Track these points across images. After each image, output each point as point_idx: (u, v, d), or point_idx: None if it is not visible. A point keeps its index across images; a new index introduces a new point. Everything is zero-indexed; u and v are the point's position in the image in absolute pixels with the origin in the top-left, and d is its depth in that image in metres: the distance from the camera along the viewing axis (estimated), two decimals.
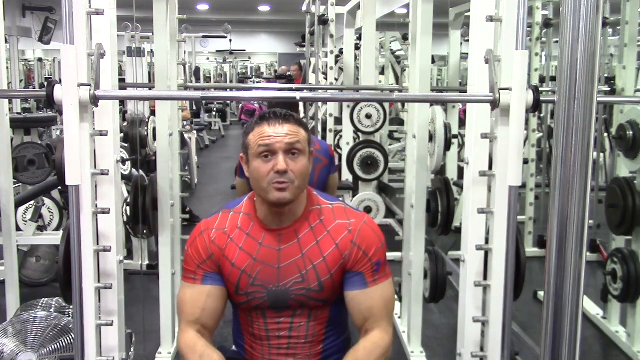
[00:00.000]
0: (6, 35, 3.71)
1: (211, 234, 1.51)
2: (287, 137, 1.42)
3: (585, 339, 3.02)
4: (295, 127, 1.45)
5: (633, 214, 2.61)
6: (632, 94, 3.15)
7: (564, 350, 0.98)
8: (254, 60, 18.17)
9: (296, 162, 1.43)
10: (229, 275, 1.48)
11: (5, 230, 2.52)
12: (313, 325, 1.51)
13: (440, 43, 5.87)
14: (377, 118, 3.50)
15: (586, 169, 0.95)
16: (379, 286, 1.48)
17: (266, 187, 1.42)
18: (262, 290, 1.47)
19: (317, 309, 1.50)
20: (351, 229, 1.49)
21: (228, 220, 1.53)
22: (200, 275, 1.49)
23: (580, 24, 0.93)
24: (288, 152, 1.43)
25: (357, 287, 1.47)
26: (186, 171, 6.09)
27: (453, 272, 2.82)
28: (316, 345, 1.52)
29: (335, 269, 1.47)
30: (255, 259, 1.47)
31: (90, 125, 1.56)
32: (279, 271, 1.47)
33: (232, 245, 1.49)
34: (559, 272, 0.97)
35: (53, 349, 2.06)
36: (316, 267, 1.46)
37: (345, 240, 1.47)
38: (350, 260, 1.47)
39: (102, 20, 1.62)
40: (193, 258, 1.51)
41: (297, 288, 1.47)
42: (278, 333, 1.50)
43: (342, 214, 1.51)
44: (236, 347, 1.62)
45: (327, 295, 1.48)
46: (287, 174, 1.41)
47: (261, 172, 1.42)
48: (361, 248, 1.47)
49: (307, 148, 1.47)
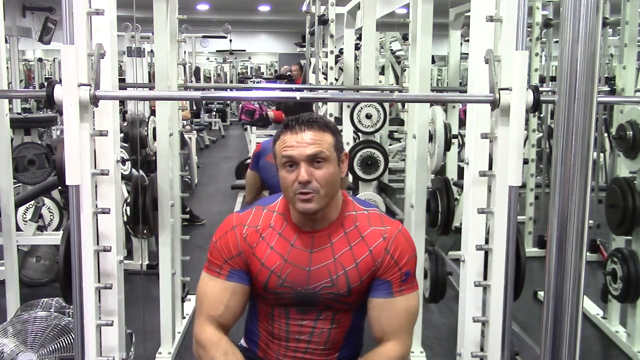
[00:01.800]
0: (6, 35, 3.70)
1: (243, 230, 1.49)
2: (309, 148, 1.40)
3: (585, 339, 3.02)
4: (319, 133, 1.42)
5: (633, 214, 2.61)
6: (632, 94, 3.15)
7: (564, 350, 0.98)
8: (254, 60, 18.17)
9: (321, 170, 1.41)
10: (258, 274, 1.47)
11: (5, 230, 2.52)
12: (334, 332, 1.50)
13: (440, 43, 5.86)
14: (377, 118, 3.50)
15: (586, 169, 0.95)
16: (404, 297, 1.46)
17: (292, 197, 1.42)
18: (290, 292, 1.46)
19: (341, 313, 1.49)
20: (386, 236, 1.47)
21: (261, 218, 1.51)
22: (227, 271, 1.48)
23: (580, 24, 0.92)
24: (312, 161, 1.41)
25: (382, 295, 1.46)
26: (186, 171, 6.10)
27: (453, 272, 2.82)
28: (333, 353, 1.51)
29: (366, 276, 1.46)
30: (286, 260, 1.46)
31: (90, 125, 1.56)
32: (309, 274, 1.46)
33: (263, 244, 1.48)
34: (559, 272, 0.97)
35: (53, 349, 2.06)
36: (347, 273, 1.45)
37: (379, 247, 1.46)
38: (381, 267, 1.45)
39: (102, 20, 1.62)
40: (221, 252, 1.49)
41: (326, 292, 1.45)
42: (298, 336, 1.49)
43: (378, 221, 1.50)
44: (248, 342, 1.60)
45: (354, 299, 1.47)
46: (311, 184, 1.39)
47: (287, 182, 1.42)
48: (393, 257, 1.46)
49: (335, 154, 1.44)
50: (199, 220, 5.17)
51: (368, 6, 3.52)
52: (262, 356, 1.56)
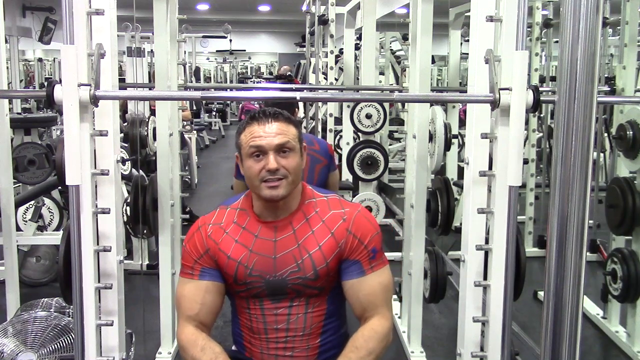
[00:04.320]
0: (6, 35, 3.71)
1: (208, 229, 1.55)
2: (277, 137, 1.46)
3: (585, 339, 3.02)
4: (285, 124, 1.49)
5: (633, 214, 2.61)
6: (632, 94, 3.16)
7: (564, 350, 0.98)
8: (254, 60, 18.17)
9: (287, 159, 1.47)
10: (226, 268, 1.51)
11: (5, 230, 2.52)
12: (311, 317, 1.53)
13: (440, 43, 5.87)
14: (377, 118, 3.50)
15: (586, 169, 0.95)
16: (377, 273, 1.51)
17: (258, 185, 1.47)
18: (259, 280, 1.50)
19: (314, 298, 1.52)
20: (346, 217, 1.52)
21: (225, 216, 1.57)
22: (198, 271, 1.53)
23: (580, 24, 0.93)
24: (278, 151, 1.47)
25: (354, 275, 1.50)
26: (186, 171, 6.10)
27: (453, 272, 2.82)
28: (314, 338, 1.54)
29: (331, 258, 1.50)
30: (251, 251, 1.51)
31: (90, 125, 1.56)
32: (276, 261, 1.50)
33: (228, 239, 1.53)
34: (559, 272, 0.97)
35: (53, 349, 2.06)
36: (312, 256, 1.49)
37: (340, 228, 1.51)
38: (346, 248, 1.50)
39: (102, 20, 1.62)
40: (190, 253, 1.54)
41: (294, 277, 1.49)
42: (276, 326, 1.52)
43: (337, 205, 1.56)
44: (236, 345, 1.63)
45: (322, 283, 1.51)
46: (279, 171, 1.45)
47: (253, 171, 1.47)
48: (356, 236, 1.51)
49: (298, 145, 1.51)
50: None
51: (368, 6, 3.52)
52: (249, 357, 1.58)
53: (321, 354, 1.55)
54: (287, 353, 1.53)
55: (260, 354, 1.54)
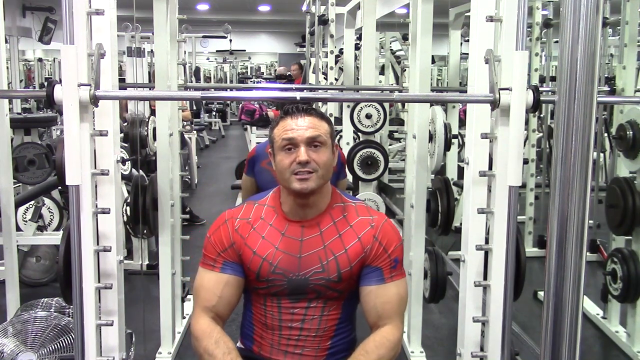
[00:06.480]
0: (6, 35, 3.70)
1: (235, 223, 1.56)
2: (309, 131, 1.48)
3: (585, 339, 3.02)
4: (317, 120, 1.51)
5: (633, 214, 2.61)
6: (632, 94, 3.16)
7: (564, 350, 0.98)
8: (254, 60, 18.17)
9: (318, 153, 1.48)
10: (250, 263, 1.52)
11: (5, 230, 2.52)
12: (325, 319, 1.54)
13: (440, 43, 5.87)
14: (377, 118, 3.50)
15: (586, 169, 0.95)
16: (395, 283, 1.52)
17: (289, 178, 1.48)
18: (282, 279, 1.51)
19: (331, 301, 1.53)
20: (374, 224, 1.54)
21: (252, 211, 1.58)
22: (220, 263, 1.53)
23: (580, 24, 0.93)
24: (310, 144, 1.48)
25: (374, 282, 1.51)
26: (186, 171, 6.10)
27: (453, 272, 2.82)
28: (325, 340, 1.54)
29: (355, 262, 1.51)
30: (277, 248, 1.52)
31: (90, 125, 1.56)
32: (300, 261, 1.51)
33: (255, 234, 1.53)
34: (559, 272, 0.97)
35: (53, 349, 2.06)
36: (337, 259, 1.50)
37: (367, 234, 1.52)
38: (370, 254, 1.51)
39: (102, 20, 1.62)
40: (215, 246, 1.55)
41: (317, 278, 1.50)
42: (290, 324, 1.53)
43: (365, 212, 1.57)
44: (244, 338, 1.64)
45: (343, 286, 1.52)
46: (310, 164, 1.46)
47: (284, 164, 1.48)
48: (382, 244, 1.52)
49: (330, 141, 1.52)
50: (199, 220, 5.17)
51: (368, 6, 3.52)
52: (257, 350, 1.58)
53: (330, 356, 1.55)
54: (297, 351, 1.53)
55: (270, 348, 1.55)
